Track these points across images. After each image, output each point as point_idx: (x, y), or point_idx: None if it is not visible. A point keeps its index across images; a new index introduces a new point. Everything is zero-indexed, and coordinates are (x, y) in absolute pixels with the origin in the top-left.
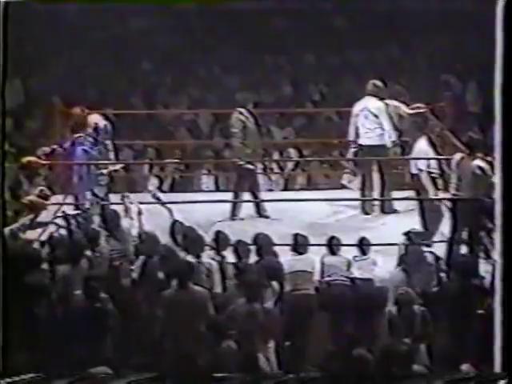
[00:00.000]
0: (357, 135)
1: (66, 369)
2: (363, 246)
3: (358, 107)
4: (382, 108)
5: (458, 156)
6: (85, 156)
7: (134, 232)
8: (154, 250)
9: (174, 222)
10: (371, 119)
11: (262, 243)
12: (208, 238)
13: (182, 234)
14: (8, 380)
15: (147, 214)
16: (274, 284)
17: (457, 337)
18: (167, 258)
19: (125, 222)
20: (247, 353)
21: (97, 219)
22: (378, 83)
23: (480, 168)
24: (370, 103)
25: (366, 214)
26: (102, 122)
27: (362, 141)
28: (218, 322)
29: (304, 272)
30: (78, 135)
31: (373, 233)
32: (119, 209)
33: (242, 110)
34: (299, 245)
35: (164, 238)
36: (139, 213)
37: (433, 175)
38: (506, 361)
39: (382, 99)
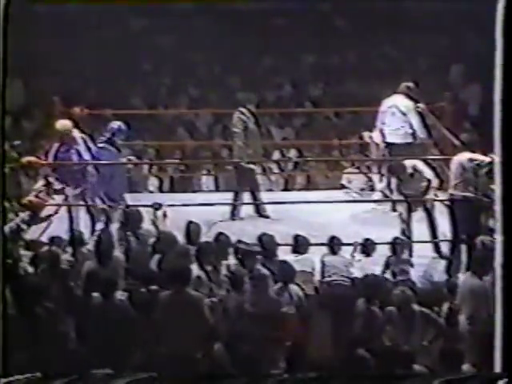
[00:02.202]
0: (382, 133)
1: (65, 369)
2: (367, 246)
3: (386, 104)
4: (411, 106)
5: (458, 157)
6: (103, 155)
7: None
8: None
9: (190, 223)
10: (398, 117)
11: (267, 244)
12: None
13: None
14: (8, 380)
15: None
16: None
17: (457, 337)
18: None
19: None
20: (248, 353)
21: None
22: (411, 85)
23: (471, 160)
24: (399, 101)
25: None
26: (115, 123)
27: (389, 139)
28: (222, 324)
29: (304, 272)
30: (76, 136)
31: None
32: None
33: (243, 109)
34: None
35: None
36: (164, 215)
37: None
38: (506, 361)
39: (411, 98)
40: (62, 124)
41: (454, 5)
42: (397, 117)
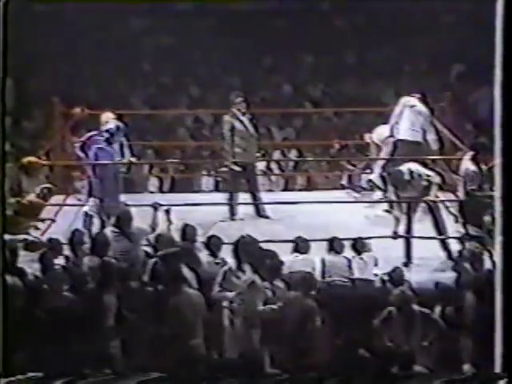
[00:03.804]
0: (392, 130)
1: (66, 369)
2: (359, 246)
3: (407, 102)
4: (428, 112)
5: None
6: (103, 155)
7: (150, 234)
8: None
9: (186, 226)
10: (423, 118)
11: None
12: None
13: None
14: (8, 380)
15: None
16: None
17: (457, 337)
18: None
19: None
20: (248, 353)
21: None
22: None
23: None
24: (419, 104)
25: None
26: (113, 122)
27: (403, 134)
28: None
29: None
30: (91, 134)
31: None
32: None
33: (235, 110)
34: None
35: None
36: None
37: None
38: (506, 361)
39: (426, 103)
40: (106, 115)
41: (454, 5)
42: (422, 117)
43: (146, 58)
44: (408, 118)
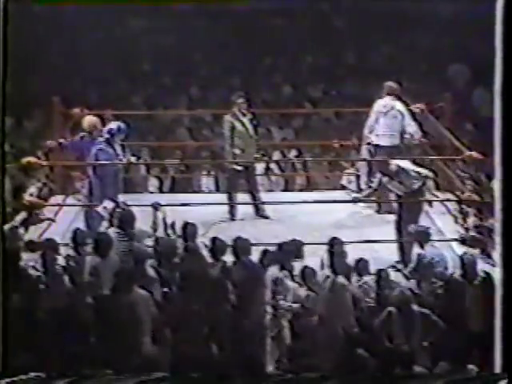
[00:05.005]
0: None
1: (66, 369)
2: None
3: (383, 106)
4: (405, 109)
5: None
6: (102, 156)
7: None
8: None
9: (187, 224)
10: (399, 119)
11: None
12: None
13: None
14: (8, 380)
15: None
16: None
17: (457, 337)
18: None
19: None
20: (247, 353)
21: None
22: (394, 85)
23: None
24: (396, 104)
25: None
26: (115, 123)
27: (381, 140)
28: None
29: None
30: (82, 134)
31: None
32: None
33: (236, 110)
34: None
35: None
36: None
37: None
38: (506, 361)
39: (400, 99)
40: (90, 120)
41: (454, 5)
42: (398, 120)
43: (146, 58)
44: (382, 125)
